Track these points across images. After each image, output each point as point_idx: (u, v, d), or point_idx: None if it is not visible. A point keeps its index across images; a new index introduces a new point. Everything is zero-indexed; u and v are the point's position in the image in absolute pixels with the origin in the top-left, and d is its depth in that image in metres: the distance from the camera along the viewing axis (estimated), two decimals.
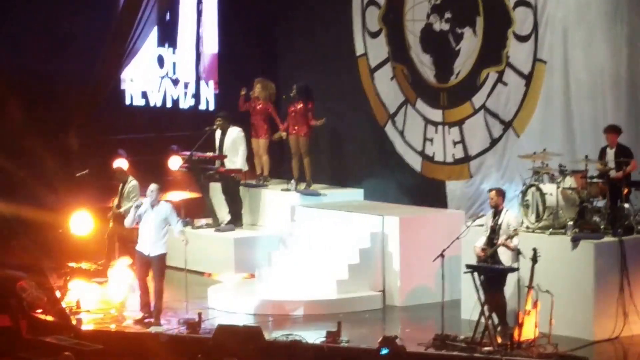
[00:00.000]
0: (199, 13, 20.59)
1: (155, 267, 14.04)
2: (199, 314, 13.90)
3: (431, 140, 16.91)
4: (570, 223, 13.38)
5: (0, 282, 14.47)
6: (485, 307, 12.69)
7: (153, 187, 14.19)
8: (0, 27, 20.11)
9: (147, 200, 14.25)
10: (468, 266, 12.91)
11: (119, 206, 16.07)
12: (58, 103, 18.71)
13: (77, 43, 20.01)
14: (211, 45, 20.29)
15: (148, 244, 14.07)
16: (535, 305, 12.54)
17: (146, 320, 14.31)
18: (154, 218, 13.95)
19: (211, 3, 20.24)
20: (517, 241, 13.00)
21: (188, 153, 16.99)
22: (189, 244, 14.54)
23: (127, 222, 14.95)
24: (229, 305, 14.96)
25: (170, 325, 14.29)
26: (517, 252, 13.03)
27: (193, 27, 20.66)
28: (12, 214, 16.19)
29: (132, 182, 16.10)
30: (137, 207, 14.44)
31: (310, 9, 18.56)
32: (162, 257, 14.24)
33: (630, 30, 14.53)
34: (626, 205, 13.43)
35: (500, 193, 13.38)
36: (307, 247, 15.83)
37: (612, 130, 13.81)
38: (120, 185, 16.39)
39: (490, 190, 13.66)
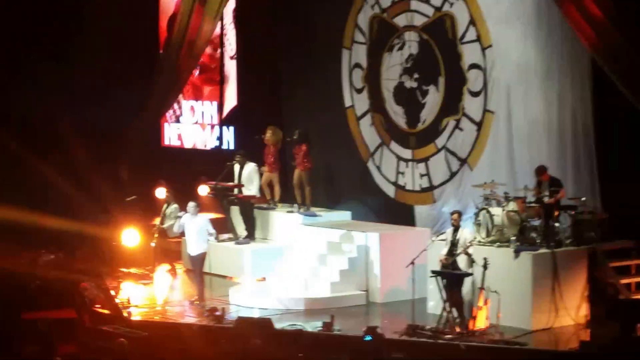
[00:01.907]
0: (222, 54, 20.24)
1: (197, 262, 14.31)
2: (223, 309, 13.73)
3: (403, 173, 16.53)
4: (513, 238, 13.24)
5: (68, 284, 14.13)
6: (447, 304, 12.63)
7: (192, 204, 14.48)
8: (58, 79, 18.74)
9: (187, 215, 14.43)
10: (433, 272, 12.80)
11: (161, 223, 16.10)
12: (112, 143, 18.07)
13: (126, 95, 18.44)
14: (231, 99, 19.61)
15: (191, 247, 14.36)
16: (485, 302, 12.51)
17: (195, 302, 14.50)
18: (193, 227, 14.16)
19: (231, 65, 19.50)
20: (471, 251, 12.86)
21: (213, 183, 16.70)
22: (217, 240, 15.37)
23: (175, 229, 15.32)
24: (246, 302, 14.77)
25: (200, 317, 14.06)
26: (471, 260, 12.87)
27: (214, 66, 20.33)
28: (75, 230, 15.88)
29: (173, 205, 16.18)
30: (179, 217, 14.83)
31: (310, 68, 17.93)
32: (201, 255, 14.49)
33: (560, 87, 14.29)
34: (557, 225, 13.30)
35: (460, 214, 13.25)
36: (307, 256, 15.64)
37: (540, 170, 13.72)
38: (164, 206, 16.39)
39: (453, 213, 13.47)
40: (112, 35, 19.01)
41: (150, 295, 15.34)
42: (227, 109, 19.68)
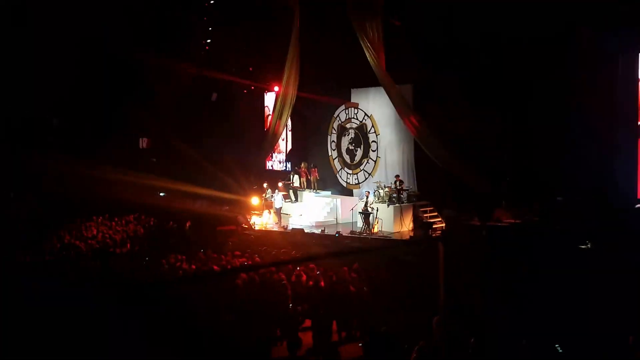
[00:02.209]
0: (286, 131, 29.10)
1: (278, 210, 23.62)
2: (286, 225, 23.45)
3: (348, 178, 26.65)
4: (387, 201, 22.42)
5: (233, 217, 24.39)
6: (363, 223, 21.98)
7: (276, 191, 24.20)
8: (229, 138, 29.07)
9: (274, 194, 24.04)
10: (359, 212, 22.23)
11: (265, 196, 25.24)
12: (246, 170, 26.91)
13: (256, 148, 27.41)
14: (289, 145, 29.52)
15: (276, 203, 23.88)
16: (376, 222, 21.66)
17: (276, 224, 23.02)
18: (278, 198, 24.10)
19: (289, 135, 29.30)
20: (373, 206, 21.94)
21: (283, 182, 26.48)
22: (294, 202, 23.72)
23: (276, 204, 24.12)
24: (295, 223, 23.71)
25: (280, 228, 22.91)
26: (372, 208, 21.90)
27: (284, 138, 29.27)
28: (235, 198, 25.49)
29: (269, 190, 25.38)
30: (272, 195, 23.99)
31: (316, 141, 27.93)
32: (279, 208, 24.01)
33: (403, 146, 24.35)
34: (402, 196, 22.56)
35: (369, 192, 22.19)
36: (318, 206, 24.85)
37: (396, 177, 22.82)
38: (267, 191, 25.25)
39: (367, 192, 22.06)
40: (244, 123, 29.69)
41: (260, 222, 24.58)
42: (287, 151, 29.45)
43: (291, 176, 27.16)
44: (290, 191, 26.55)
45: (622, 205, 17.48)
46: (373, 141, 26.05)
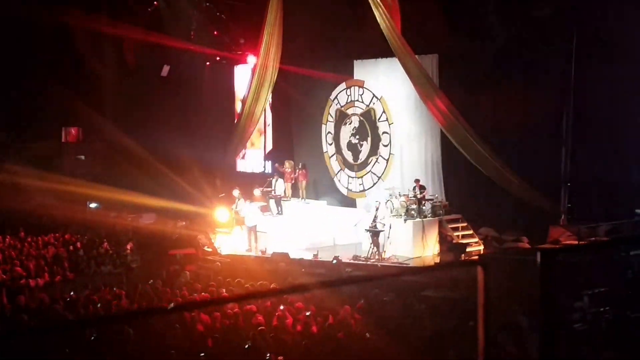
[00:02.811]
0: (265, 119, 30.60)
1: (251, 228, 23.84)
2: (265, 249, 23.81)
3: (350, 183, 27.77)
4: (403, 214, 23.19)
5: (192, 237, 25.27)
6: (371, 245, 22.39)
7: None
8: (188, 131, 29.42)
9: (246, 204, 24.45)
10: (366, 229, 22.80)
11: (236, 208, 25.55)
12: (210, 173, 28.11)
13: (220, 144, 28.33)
14: (269, 144, 31.25)
15: (248, 220, 24.36)
16: (389, 242, 22.32)
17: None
18: (248, 209, 24.49)
19: (269, 130, 30.99)
20: (383, 221, 22.51)
21: (261, 188, 27.12)
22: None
23: (247, 220, 24.51)
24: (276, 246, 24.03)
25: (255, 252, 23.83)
26: (382, 224, 22.51)
27: (261, 129, 30.79)
28: (194, 210, 26.68)
29: (241, 199, 25.53)
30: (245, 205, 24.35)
31: (307, 132, 29.37)
32: (254, 226, 23.95)
33: (426, 142, 24.95)
34: (423, 207, 23.22)
35: (379, 203, 22.93)
36: (305, 218, 25.92)
37: (416, 181, 23.68)
38: (237, 200, 25.49)
39: (377, 202, 22.90)
40: (207, 108, 30.46)
41: (230, 243, 24.94)
42: (266, 151, 30.97)
43: (273, 181, 27.78)
44: (271, 201, 27.26)
45: None
46: (384, 132, 26.81)
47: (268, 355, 12.87)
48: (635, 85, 20.78)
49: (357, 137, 27.93)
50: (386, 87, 26.61)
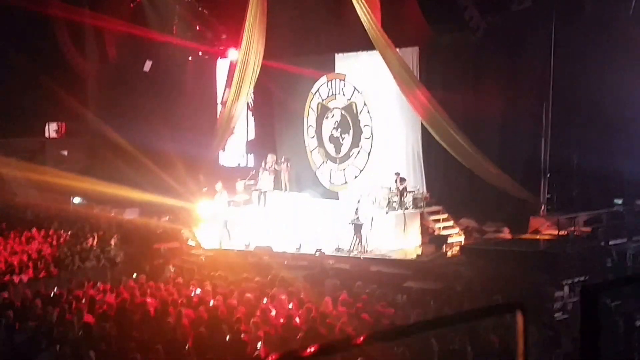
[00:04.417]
0: (247, 113, 30.61)
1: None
2: (249, 243, 23.86)
3: (332, 176, 27.84)
4: (385, 207, 23.48)
5: (176, 231, 25.48)
6: (354, 238, 22.58)
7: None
8: (169, 122, 29.16)
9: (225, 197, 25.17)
10: (350, 222, 22.80)
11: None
12: (193, 167, 27.89)
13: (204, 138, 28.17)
14: (250, 134, 31.19)
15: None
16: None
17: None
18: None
19: (251, 119, 30.86)
20: (365, 215, 22.62)
21: (243, 181, 27.53)
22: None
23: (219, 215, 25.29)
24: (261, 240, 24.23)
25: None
26: (364, 217, 22.62)
27: (244, 125, 30.87)
28: (178, 205, 26.39)
29: (224, 192, 25.76)
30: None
31: (289, 125, 29.42)
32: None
33: (406, 134, 25.15)
34: (405, 200, 23.21)
35: (360, 199, 23.12)
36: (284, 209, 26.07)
37: (397, 174, 23.65)
38: (218, 192, 25.67)
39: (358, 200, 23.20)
40: (189, 102, 30.67)
41: (212, 236, 25.08)
42: (247, 141, 30.94)
43: (259, 173, 27.80)
44: (255, 193, 27.23)
45: None
46: (366, 125, 26.81)
47: (259, 344, 12.84)
48: (614, 77, 20.75)
49: (339, 130, 27.94)
50: (367, 80, 26.60)
